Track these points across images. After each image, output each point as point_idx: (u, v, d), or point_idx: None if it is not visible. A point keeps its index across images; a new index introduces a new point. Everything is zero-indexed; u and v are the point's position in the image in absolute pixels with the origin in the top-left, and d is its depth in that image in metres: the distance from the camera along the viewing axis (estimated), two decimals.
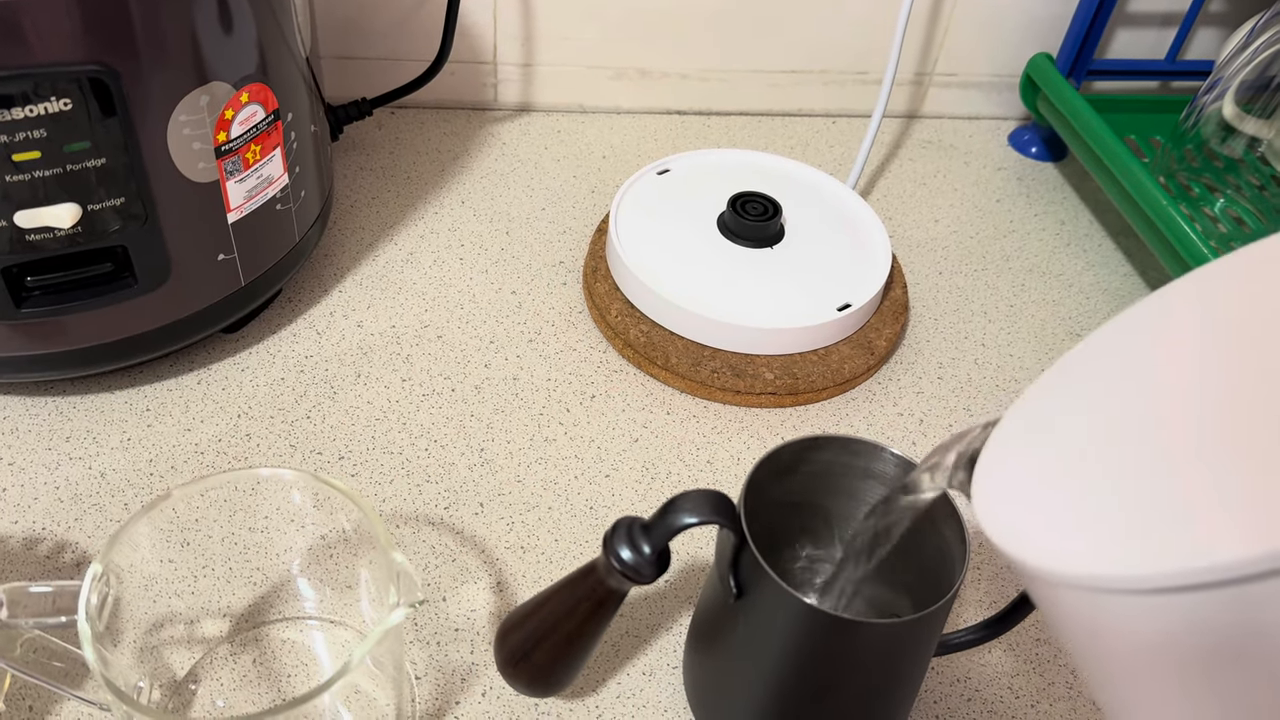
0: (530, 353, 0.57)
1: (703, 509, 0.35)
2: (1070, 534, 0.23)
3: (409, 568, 0.36)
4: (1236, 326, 0.25)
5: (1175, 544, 0.21)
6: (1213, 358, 0.25)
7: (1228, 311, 0.26)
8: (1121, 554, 0.22)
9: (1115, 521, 0.22)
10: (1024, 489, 0.26)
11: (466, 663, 0.44)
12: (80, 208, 0.43)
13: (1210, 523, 0.20)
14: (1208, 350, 0.25)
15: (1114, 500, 0.23)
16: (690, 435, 0.54)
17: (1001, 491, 0.27)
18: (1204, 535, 0.20)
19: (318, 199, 0.56)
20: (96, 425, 0.51)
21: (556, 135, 0.72)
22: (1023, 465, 0.27)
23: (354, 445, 0.51)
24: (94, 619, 0.34)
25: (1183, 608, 0.20)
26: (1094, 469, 0.24)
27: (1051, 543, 0.24)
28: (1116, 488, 0.23)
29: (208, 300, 0.50)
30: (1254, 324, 0.24)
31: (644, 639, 0.45)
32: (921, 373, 0.59)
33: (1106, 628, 0.23)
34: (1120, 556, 0.21)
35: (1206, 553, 0.20)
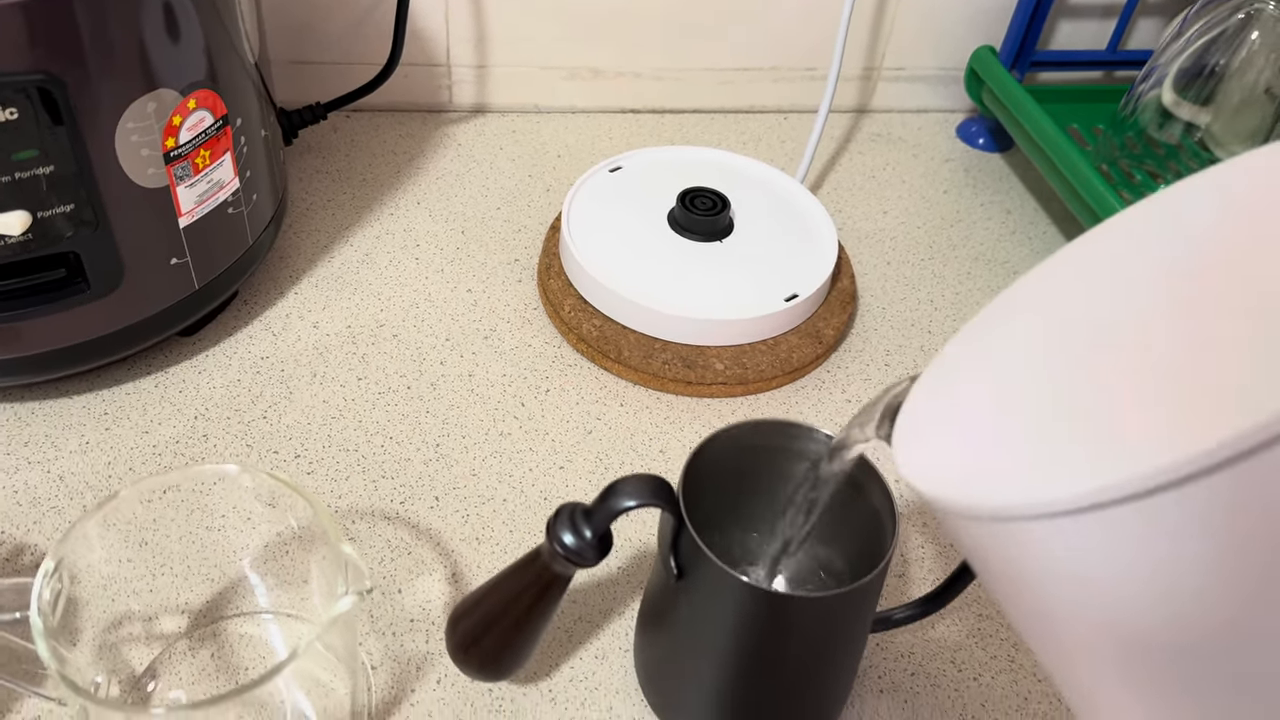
0: (485, 349, 0.58)
1: (642, 492, 0.36)
2: (976, 467, 0.25)
3: (356, 558, 0.37)
4: (1135, 271, 0.26)
5: (1066, 468, 0.22)
6: (1109, 300, 0.26)
7: (1128, 258, 0.27)
8: (1018, 482, 0.23)
9: (1015, 453, 0.24)
10: (938, 430, 0.27)
11: (422, 652, 0.45)
12: (30, 215, 0.44)
13: (1097, 447, 0.22)
14: (1105, 295, 0.26)
15: (1015, 433, 0.24)
16: (643, 426, 0.55)
17: (917, 434, 0.28)
18: (1089, 460, 0.22)
19: (271, 202, 0.57)
20: (55, 430, 0.51)
21: (511, 135, 0.73)
22: (938, 408, 0.28)
23: (310, 444, 0.52)
24: (47, 614, 0.34)
25: (1080, 530, 0.22)
26: (997, 406, 0.26)
27: (959, 477, 0.25)
28: (1017, 422, 0.25)
29: (162, 304, 0.51)
30: (1153, 267, 0.26)
31: (595, 624, 0.46)
32: (870, 360, 0.60)
33: (1022, 563, 0.24)
34: (1017, 485, 0.23)
35: (1086, 477, 0.21)
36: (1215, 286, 0.23)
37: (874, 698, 0.45)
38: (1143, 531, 0.21)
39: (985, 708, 0.45)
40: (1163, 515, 0.21)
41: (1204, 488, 0.20)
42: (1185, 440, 0.20)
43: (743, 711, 0.40)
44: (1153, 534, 0.21)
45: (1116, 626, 0.23)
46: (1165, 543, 0.21)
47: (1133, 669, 0.24)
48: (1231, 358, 0.21)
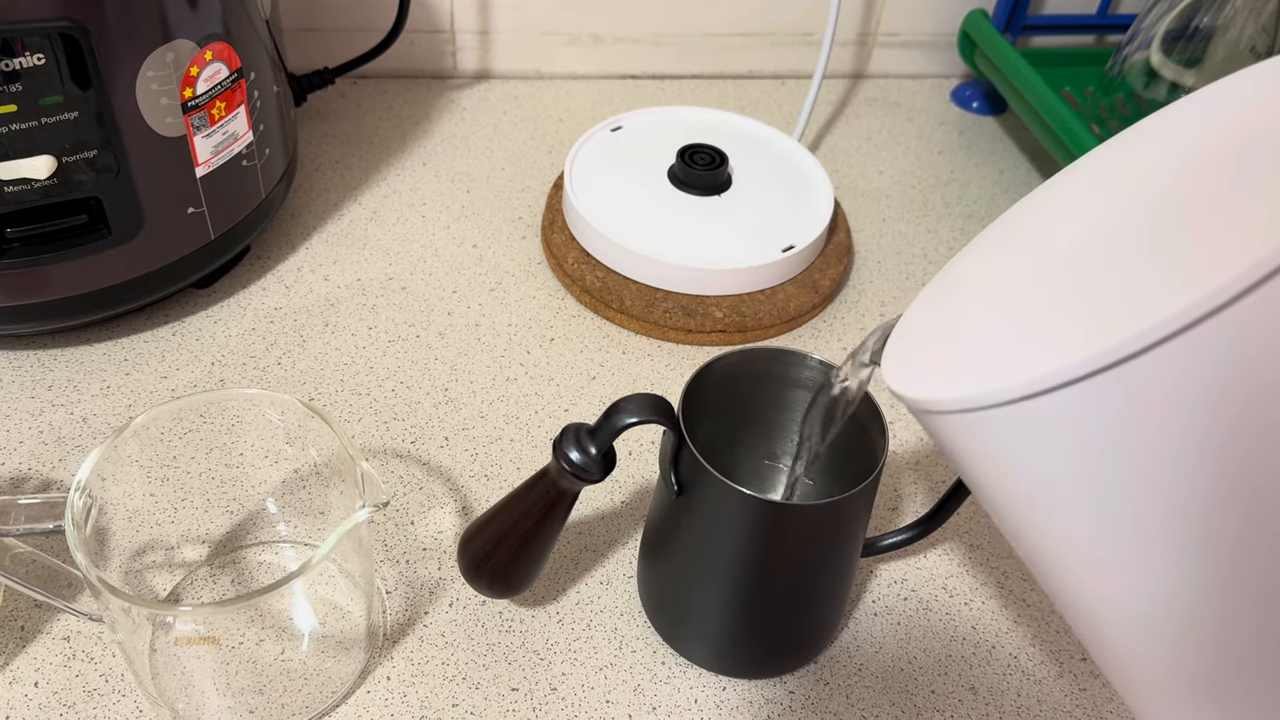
0: (491, 301, 0.60)
1: (643, 409, 0.38)
2: (947, 370, 0.27)
3: (373, 473, 0.38)
4: (1105, 195, 0.28)
5: (1017, 365, 0.24)
6: (1080, 218, 0.28)
7: (1106, 180, 0.29)
8: (978, 378, 0.25)
9: (980, 354, 0.26)
10: (919, 339, 0.29)
11: (434, 578, 0.47)
12: (55, 159, 0.45)
13: (1044, 340, 0.23)
14: (1076, 215, 0.28)
15: (982, 338, 0.26)
16: (645, 372, 0.57)
17: (902, 345, 0.30)
18: (1041, 351, 0.23)
19: (282, 157, 0.58)
20: (77, 375, 0.53)
21: (514, 100, 0.75)
22: (921, 321, 0.30)
23: (323, 387, 0.54)
24: (80, 525, 0.36)
25: (1044, 415, 0.24)
26: (970, 320, 0.28)
27: (931, 380, 0.27)
28: (988, 324, 0.27)
29: (179, 253, 0.53)
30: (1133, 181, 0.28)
31: (600, 553, 0.48)
32: (865, 310, 0.62)
33: (996, 455, 0.26)
34: (977, 380, 0.25)
35: (1036, 364, 0.23)
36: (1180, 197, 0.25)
37: (868, 619, 0.47)
38: (1077, 414, 0.23)
39: (975, 629, 0.47)
40: (1092, 401, 0.23)
41: (1128, 372, 0.22)
42: (1114, 336, 0.22)
43: (741, 627, 0.42)
44: (1085, 416, 0.23)
45: (1065, 504, 0.25)
46: (1097, 426, 0.23)
47: (1101, 544, 0.26)
48: (1169, 259, 0.23)
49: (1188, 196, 0.25)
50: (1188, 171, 0.26)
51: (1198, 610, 0.25)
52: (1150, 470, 0.23)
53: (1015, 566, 0.49)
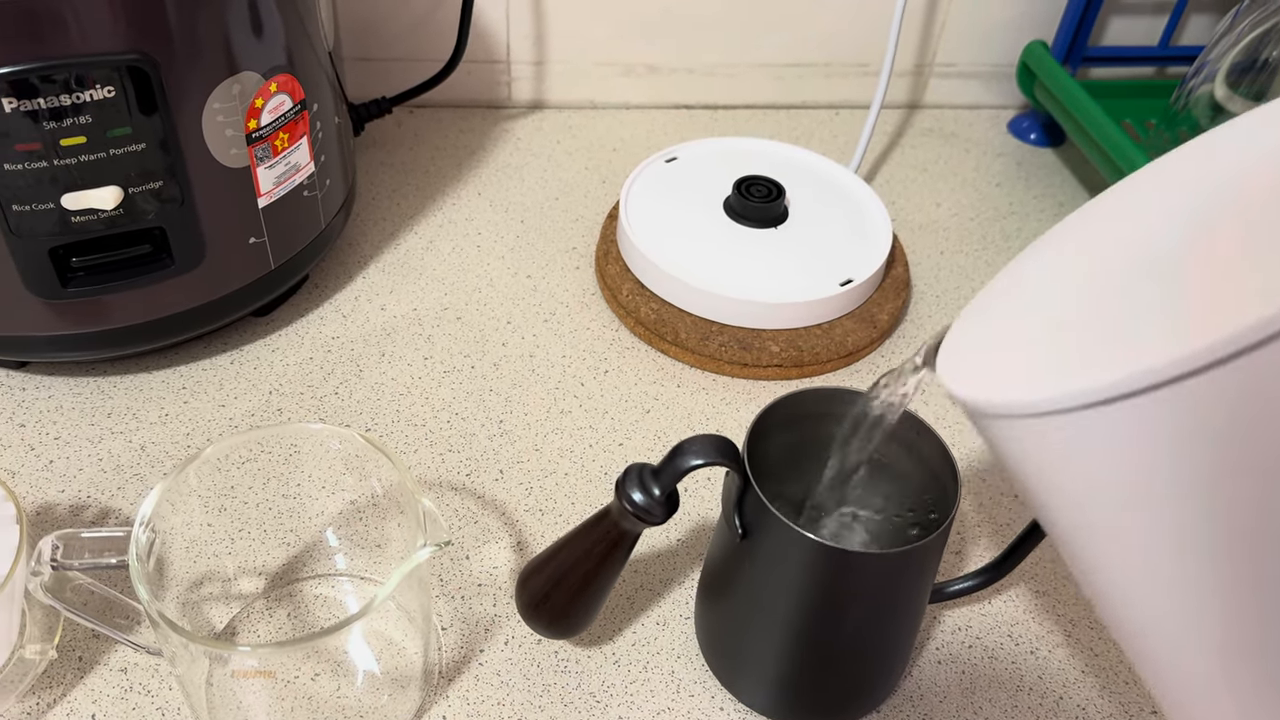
0: (545, 332, 0.60)
1: (708, 451, 0.37)
2: (1004, 374, 0.26)
3: (435, 511, 0.38)
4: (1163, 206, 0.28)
5: (1077, 371, 0.23)
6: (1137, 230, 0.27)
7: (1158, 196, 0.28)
8: (1036, 382, 0.24)
9: (1037, 359, 0.25)
10: (975, 344, 0.29)
11: (489, 615, 0.46)
12: (122, 190, 0.46)
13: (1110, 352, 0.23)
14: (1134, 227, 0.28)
15: (1043, 338, 0.26)
16: (699, 406, 0.56)
17: (956, 350, 0.30)
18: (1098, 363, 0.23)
19: (342, 188, 0.59)
20: (136, 402, 0.53)
21: (568, 130, 0.75)
22: (977, 331, 0.30)
23: (380, 418, 0.54)
24: (142, 559, 0.36)
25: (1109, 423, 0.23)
26: (1026, 324, 0.27)
27: (988, 382, 0.26)
28: (1046, 329, 0.26)
29: (240, 282, 0.53)
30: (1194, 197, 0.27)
31: (657, 593, 0.47)
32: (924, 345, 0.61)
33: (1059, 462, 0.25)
34: (1036, 385, 0.24)
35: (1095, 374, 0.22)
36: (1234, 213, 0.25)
37: (932, 667, 0.45)
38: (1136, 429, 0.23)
39: (1042, 679, 0.45)
40: (1158, 412, 0.22)
41: (1196, 386, 0.21)
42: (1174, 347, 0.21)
43: (803, 675, 0.41)
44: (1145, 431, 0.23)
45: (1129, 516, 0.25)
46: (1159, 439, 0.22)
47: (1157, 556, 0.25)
48: (1234, 277, 0.22)
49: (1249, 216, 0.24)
50: (1247, 188, 0.25)
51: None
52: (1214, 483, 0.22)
53: (1083, 614, 0.48)
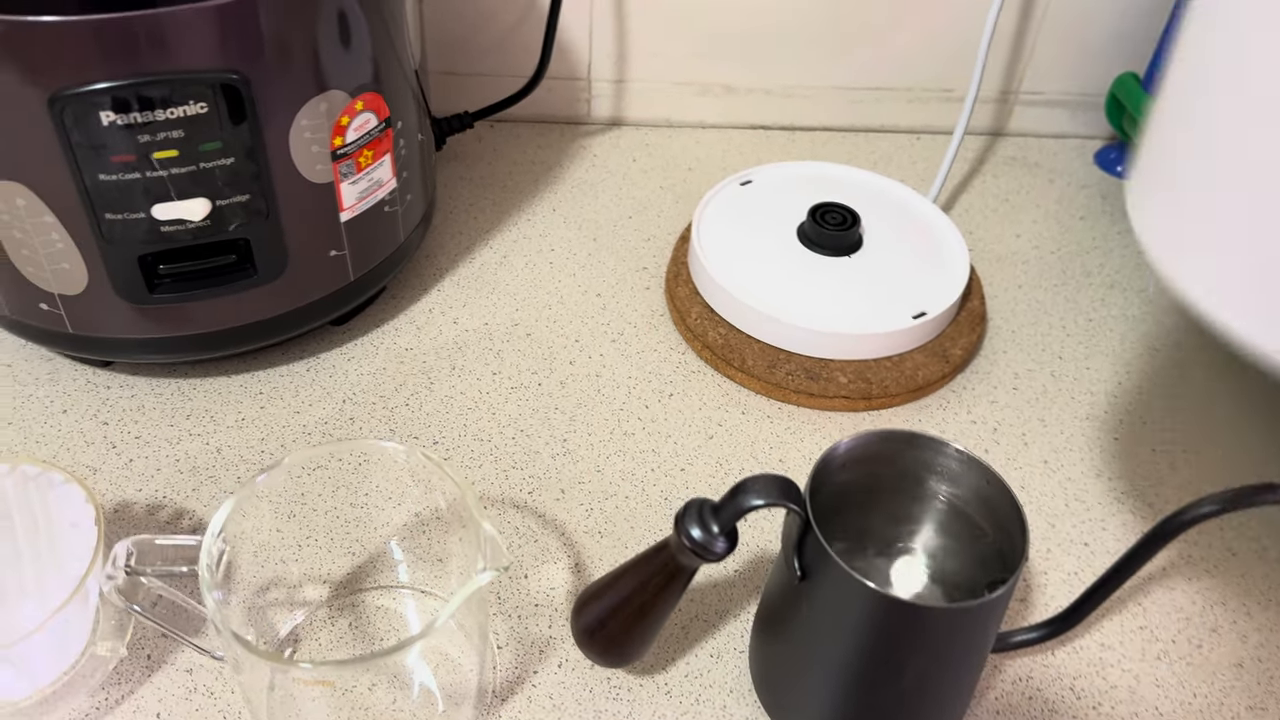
0: (613, 352, 0.60)
1: (770, 491, 0.37)
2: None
3: (496, 536, 0.38)
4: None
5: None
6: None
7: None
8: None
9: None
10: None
11: (545, 636, 0.46)
12: (210, 202, 0.47)
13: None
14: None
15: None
16: (764, 435, 0.56)
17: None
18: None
19: (422, 203, 0.60)
20: (214, 405, 0.55)
21: (645, 148, 0.75)
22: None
23: (447, 431, 0.55)
24: (212, 569, 0.37)
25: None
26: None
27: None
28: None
29: (320, 293, 0.54)
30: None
31: (712, 624, 0.47)
32: (997, 382, 0.60)
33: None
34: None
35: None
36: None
37: (989, 718, 0.45)
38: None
39: None
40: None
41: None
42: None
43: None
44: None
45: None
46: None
47: None
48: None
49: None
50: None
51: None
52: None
53: (1148, 670, 0.47)
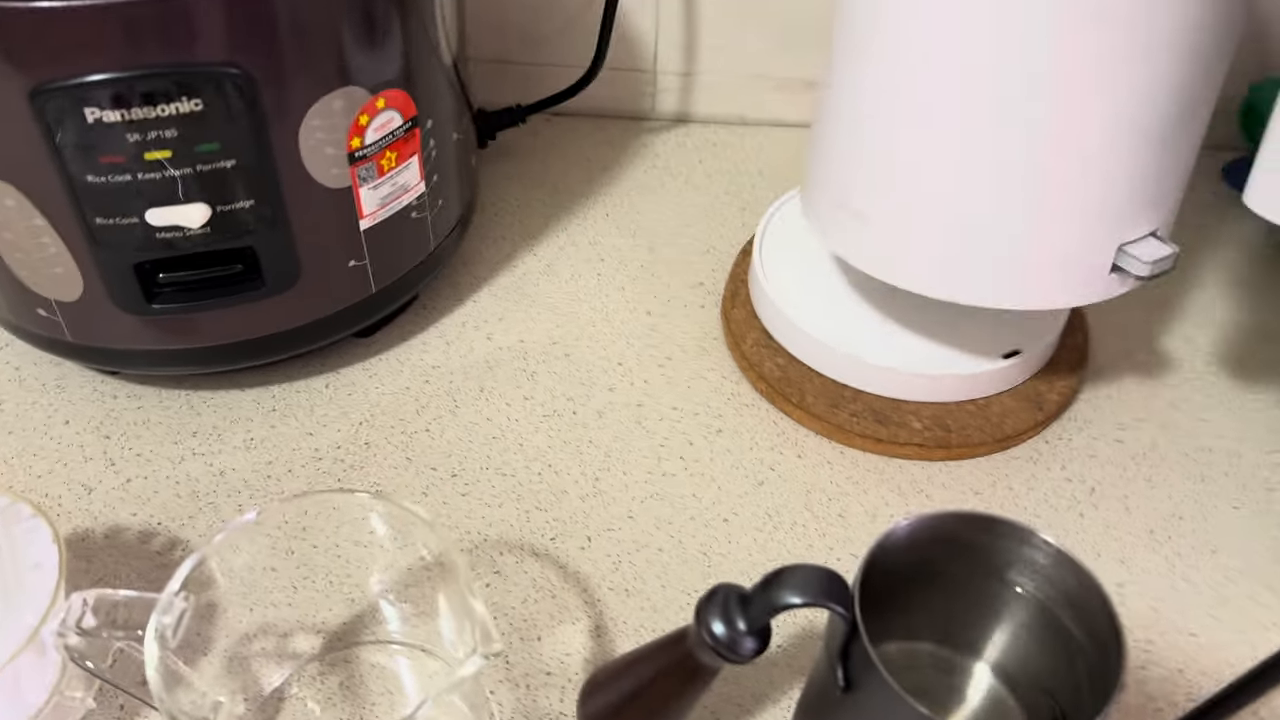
0: (658, 378, 0.54)
1: (810, 589, 0.31)
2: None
3: (487, 618, 0.33)
4: None
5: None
6: None
7: None
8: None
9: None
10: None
11: (554, 712, 0.41)
12: (210, 208, 0.43)
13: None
14: None
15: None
16: (822, 483, 0.49)
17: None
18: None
19: (457, 207, 0.54)
20: (223, 423, 0.51)
21: (712, 148, 0.69)
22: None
23: (468, 463, 0.50)
24: (165, 638, 0.33)
25: None
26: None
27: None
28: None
29: (337, 305, 0.50)
30: None
31: (747, 710, 0.41)
32: (1098, 434, 0.52)
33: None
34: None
35: None
36: None
37: None
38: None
39: None
40: None
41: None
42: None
43: None
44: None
45: None
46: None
47: None
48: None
49: None
50: None
51: None
52: None
53: None
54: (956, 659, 0.38)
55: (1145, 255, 0.44)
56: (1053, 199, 0.42)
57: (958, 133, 0.41)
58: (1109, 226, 0.43)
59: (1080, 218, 0.43)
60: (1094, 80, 0.39)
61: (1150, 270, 0.44)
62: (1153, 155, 0.42)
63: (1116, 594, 0.45)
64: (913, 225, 0.44)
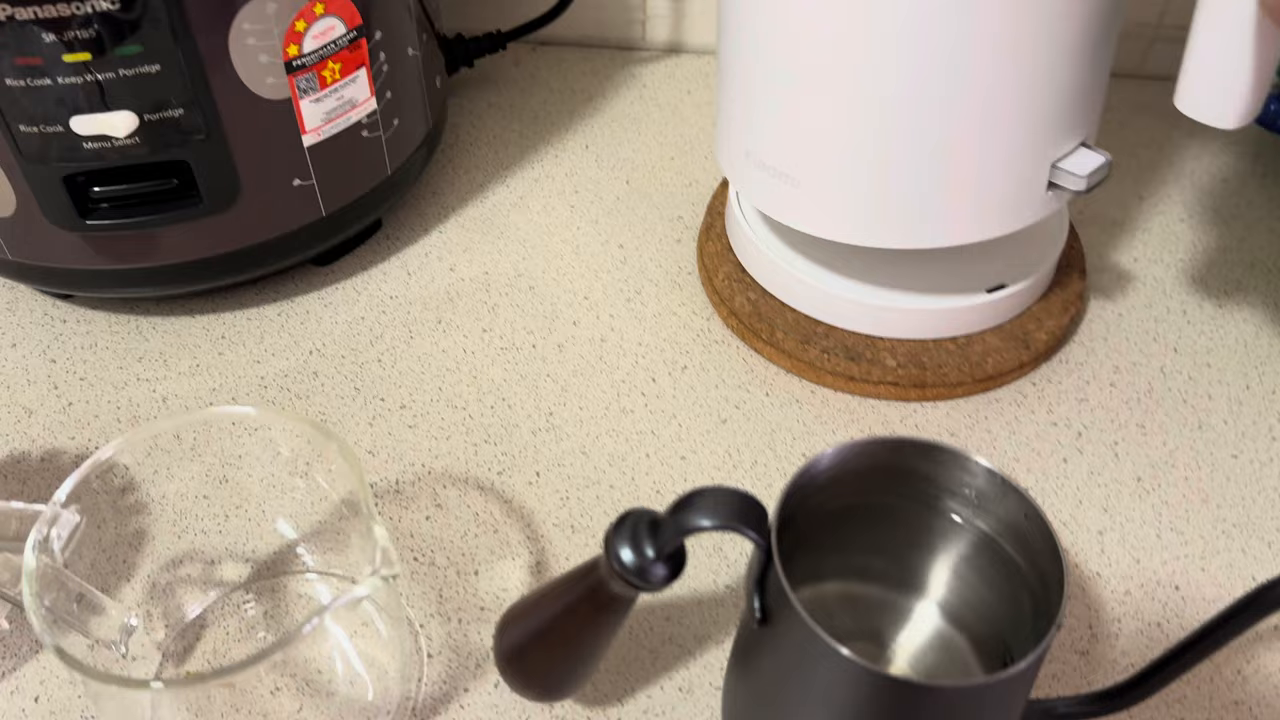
0: (625, 313, 0.52)
1: (722, 512, 0.29)
2: None
3: (387, 540, 0.31)
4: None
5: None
6: None
7: None
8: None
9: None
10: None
11: (484, 648, 0.39)
12: (137, 117, 0.41)
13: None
14: None
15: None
16: (788, 422, 0.47)
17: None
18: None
19: (420, 129, 0.52)
20: (170, 348, 0.49)
21: (703, 78, 0.66)
22: None
23: (419, 395, 0.48)
24: (51, 550, 0.31)
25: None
26: None
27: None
28: None
29: (283, 228, 0.48)
30: None
31: (688, 650, 0.39)
32: (1090, 376, 0.49)
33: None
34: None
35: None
36: None
37: None
38: None
39: None
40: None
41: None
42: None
43: None
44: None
45: None
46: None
47: None
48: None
49: None
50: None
51: None
52: None
53: None
54: (901, 600, 0.35)
55: (1079, 169, 0.42)
56: (977, 128, 0.40)
57: (872, 77, 0.39)
58: (1039, 145, 0.41)
59: (1008, 142, 0.40)
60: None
61: (1087, 183, 0.42)
62: (1073, 66, 0.40)
63: (1096, 542, 0.42)
64: (838, 181, 0.42)
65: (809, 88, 0.40)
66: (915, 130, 0.40)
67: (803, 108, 0.41)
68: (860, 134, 0.40)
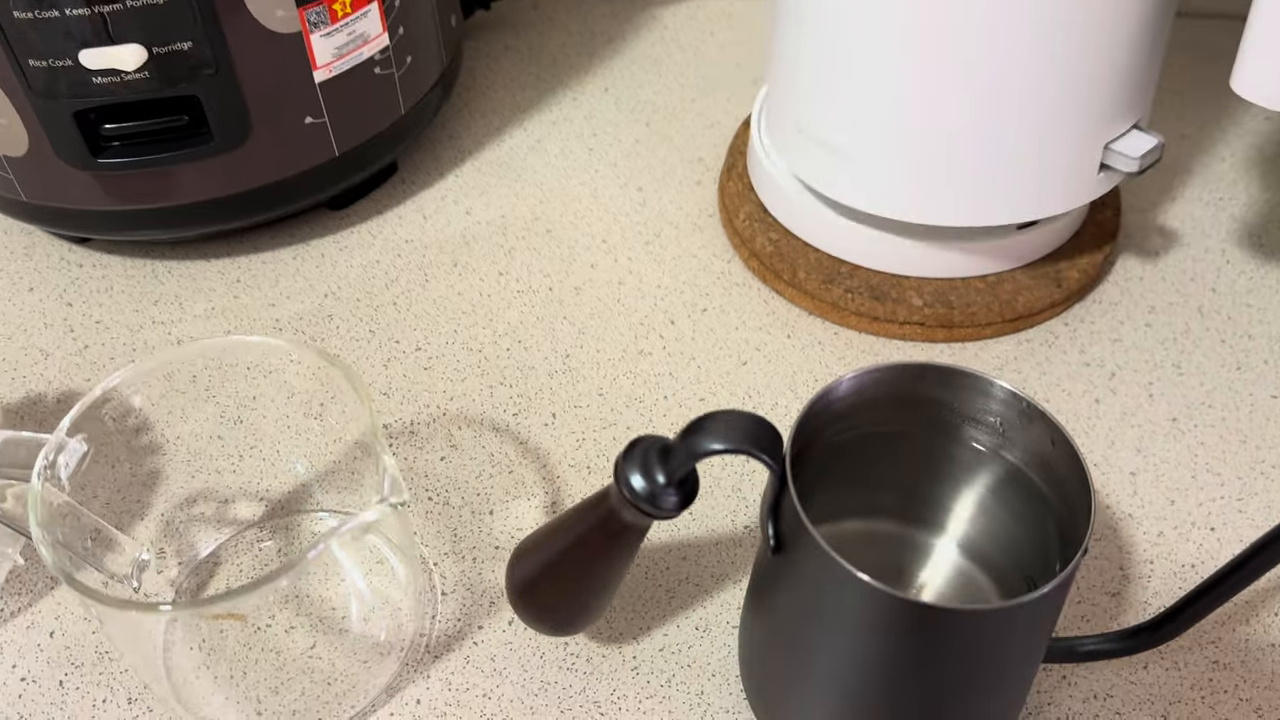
0: (644, 255, 0.50)
1: (734, 435, 0.28)
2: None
3: (394, 468, 0.31)
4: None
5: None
6: None
7: None
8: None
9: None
10: None
11: (498, 586, 0.39)
12: (145, 50, 0.40)
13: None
14: None
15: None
16: (810, 364, 0.46)
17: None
18: None
19: (435, 68, 0.51)
20: (185, 291, 0.49)
21: (726, 19, 0.64)
22: None
23: (434, 337, 0.47)
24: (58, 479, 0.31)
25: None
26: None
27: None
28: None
29: (296, 167, 0.47)
30: None
31: (704, 588, 0.38)
32: (1125, 316, 0.47)
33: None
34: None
35: None
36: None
37: None
38: None
39: None
40: None
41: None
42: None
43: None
44: None
45: None
46: None
47: None
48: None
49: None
50: None
51: None
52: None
53: (1273, 701, 0.35)
54: (921, 536, 0.34)
55: (1132, 151, 0.42)
56: (1034, 108, 0.40)
57: (935, 57, 0.39)
58: (1093, 128, 0.41)
59: (1062, 123, 0.40)
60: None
61: (1139, 165, 0.42)
62: (1131, 51, 0.40)
63: (1129, 483, 0.41)
64: (895, 156, 0.42)
65: (871, 63, 0.40)
66: (974, 110, 0.40)
67: (862, 83, 0.41)
68: (918, 111, 0.40)
